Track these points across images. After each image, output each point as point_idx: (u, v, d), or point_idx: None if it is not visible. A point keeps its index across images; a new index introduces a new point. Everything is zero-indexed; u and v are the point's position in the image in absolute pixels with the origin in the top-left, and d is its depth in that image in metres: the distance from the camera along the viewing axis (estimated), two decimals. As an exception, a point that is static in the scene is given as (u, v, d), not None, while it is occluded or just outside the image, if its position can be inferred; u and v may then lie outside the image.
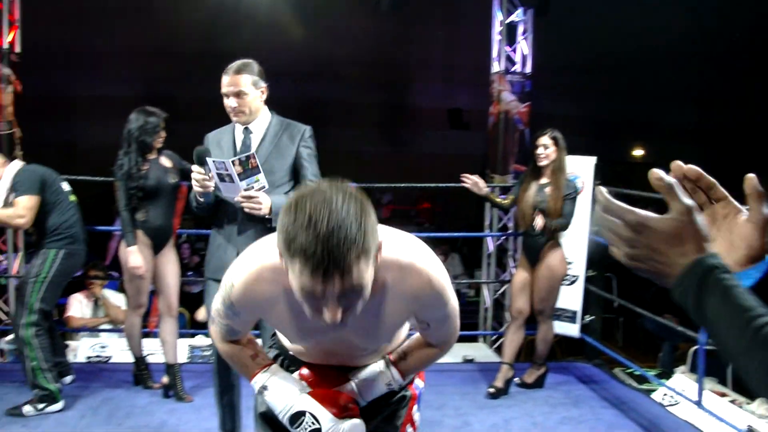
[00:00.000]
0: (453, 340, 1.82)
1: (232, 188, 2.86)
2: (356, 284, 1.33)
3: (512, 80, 5.95)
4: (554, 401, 4.28)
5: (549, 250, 4.29)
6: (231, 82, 3.00)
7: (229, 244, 3.05)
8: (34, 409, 3.78)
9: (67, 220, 3.97)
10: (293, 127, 3.14)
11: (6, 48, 5.45)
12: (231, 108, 3.04)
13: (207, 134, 3.24)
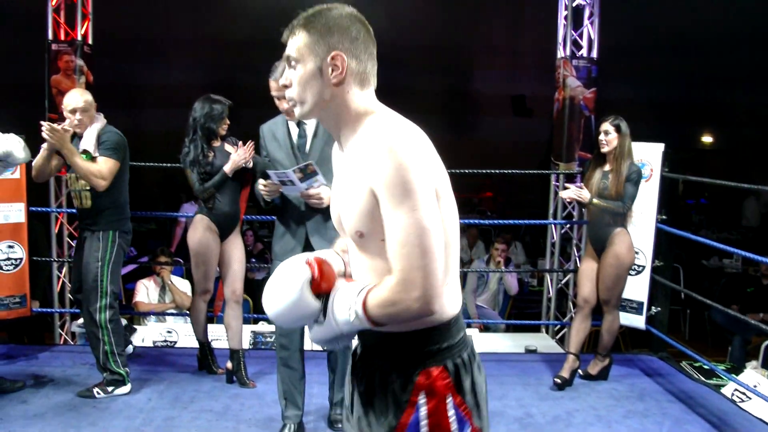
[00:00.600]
0: (411, 275, 1.47)
1: (292, 189, 3.21)
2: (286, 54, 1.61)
3: (578, 65, 5.82)
4: (618, 394, 4.18)
5: (616, 238, 4.19)
6: (280, 87, 3.09)
7: (294, 231, 3.35)
8: (104, 392, 3.89)
9: (126, 198, 4.03)
10: None
11: (79, 40, 5.61)
12: (284, 110, 3.29)
13: (261, 126, 3.41)
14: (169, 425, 3.54)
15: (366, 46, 1.63)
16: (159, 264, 5.88)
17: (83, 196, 3.91)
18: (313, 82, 1.59)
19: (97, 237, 3.91)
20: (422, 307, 1.49)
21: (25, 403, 3.76)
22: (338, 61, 1.57)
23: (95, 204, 3.90)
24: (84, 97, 3.86)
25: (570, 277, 6.11)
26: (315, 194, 3.19)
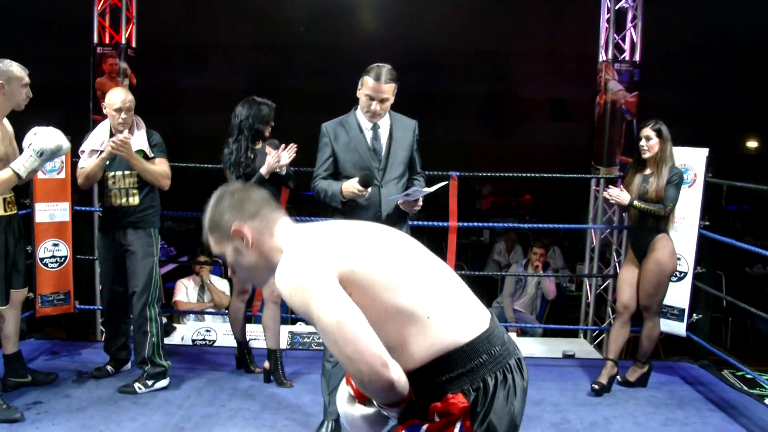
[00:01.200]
0: (350, 366, 1.60)
1: (396, 198, 3.35)
2: (216, 252, 1.86)
3: (620, 69, 5.75)
4: (657, 401, 4.12)
5: (658, 243, 4.13)
6: (380, 89, 3.28)
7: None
8: (144, 387, 3.97)
9: (159, 198, 4.19)
10: (405, 121, 3.50)
11: (123, 43, 5.72)
12: (373, 111, 3.31)
13: (324, 123, 3.45)
14: (207, 422, 3.59)
15: (248, 203, 1.82)
16: (198, 264, 5.96)
17: (130, 193, 4.01)
18: (238, 258, 1.82)
19: (146, 234, 4.05)
20: (377, 380, 1.59)
21: (68, 397, 3.84)
22: (239, 234, 1.79)
23: (143, 202, 4.03)
24: (128, 96, 3.98)
25: (609, 283, 6.04)
26: (418, 204, 3.37)
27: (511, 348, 1.79)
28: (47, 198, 4.56)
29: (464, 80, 13.48)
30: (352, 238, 1.73)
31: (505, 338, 1.79)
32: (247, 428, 3.54)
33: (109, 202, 4.05)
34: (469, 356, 1.69)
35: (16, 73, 3.51)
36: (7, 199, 3.61)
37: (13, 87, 3.50)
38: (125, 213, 4.03)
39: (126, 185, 4.00)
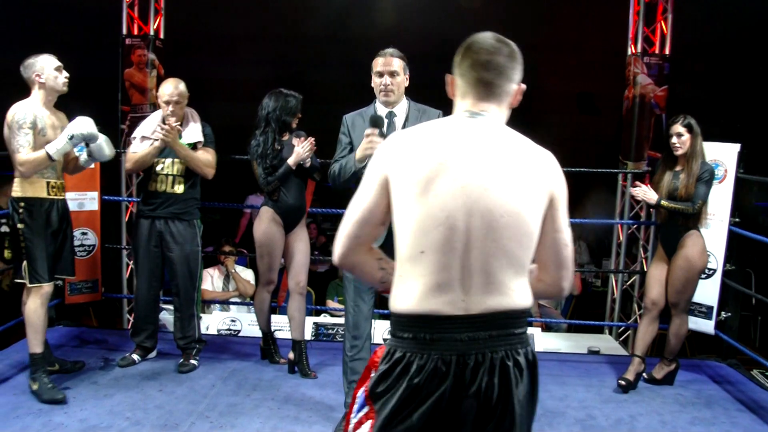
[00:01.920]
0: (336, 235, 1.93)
1: None
2: None
3: (649, 62, 5.67)
4: (684, 400, 4.08)
5: (688, 240, 4.08)
6: (387, 62, 3.27)
7: None
8: (197, 362, 4.22)
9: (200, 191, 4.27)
10: (429, 111, 3.39)
11: (152, 34, 5.75)
12: (384, 85, 3.28)
13: (345, 115, 3.43)
14: (232, 411, 3.61)
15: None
16: (224, 254, 6.00)
17: (177, 181, 4.11)
18: None
19: (190, 225, 4.17)
20: (335, 254, 1.85)
21: (95, 383, 3.88)
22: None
23: (187, 191, 4.14)
24: (178, 89, 4.05)
25: (636, 279, 5.99)
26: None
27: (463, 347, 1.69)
28: (76, 187, 4.62)
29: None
30: (413, 150, 1.74)
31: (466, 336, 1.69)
32: (271, 418, 3.56)
33: (152, 188, 4.11)
34: (407, 326, 1.72)
35: (45, 61, 3.65)
36: (51, 184, 3.72)
37: (48, 73, 3.64)
38: (168, 201, 4.10)
39: (174, 172, 4.10)
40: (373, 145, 3.11)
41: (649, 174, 4.63)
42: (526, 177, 1.73)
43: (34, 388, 3.63)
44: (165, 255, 4.20)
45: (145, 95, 5.70)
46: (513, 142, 1.80)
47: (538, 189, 1.74)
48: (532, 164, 1.76)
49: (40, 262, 3.66)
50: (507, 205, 1.69)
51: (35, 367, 3.66)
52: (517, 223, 1.70)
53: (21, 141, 3.55)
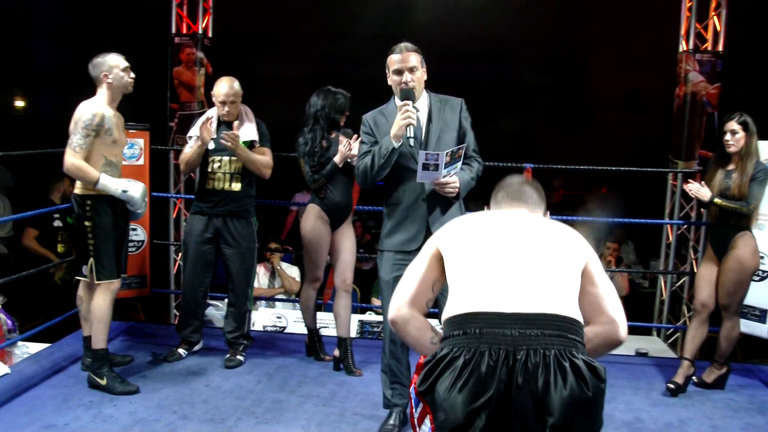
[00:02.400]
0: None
1: (429, 175, 3.09)
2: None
3: (701, 59, 5.55)
4: (736, 405, 3.98)
5: (739, 241, 3.98)
6: (404, 59, 3.20)
7: (414, 221, 3.26)
8: (243, 358, 4.26)
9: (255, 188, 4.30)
10: (451, 101, 3.33)
11: (200, 33, 5.83)
12: (404, 83, 3.19)
13: (364, 115, 3.41)
14: (277, 408, 3.63)
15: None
16: (269, 250, 6.05)
17: (234, 179, 4.14)
18: None
19: (247, 223, 4.23)
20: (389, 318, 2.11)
21: (144, 377, 3.95)
22: None
23: (244, 189, 4.17)
24: (233, 90, 4.07)
25: (685, 280, 5.87)
26: (451, 182, 3.14)
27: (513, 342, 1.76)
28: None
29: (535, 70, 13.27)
30: (460, 226, 2.07)
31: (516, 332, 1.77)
32: (316, 415, 3.57)
33: (210, 186, 4.16)
34: (456, 327, 1.84)
35: (113, 61, 3.68)
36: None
37: (116, 74, 3.68)
38: (226, 199, 4.15)
39: (231, 170, 4.13)
40: (410, 116, 3.09)
41: (700, 174, 4.53)
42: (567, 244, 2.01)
43: (102, 384, 3.67)
44: (221, 252, 4.24)
45: (193, 93, 5.78)
46: (552, 223, 2.08)
47: (573, 251, 1.99)
48: (570, 236, 2.04)
49: (110, 259, 3.70)
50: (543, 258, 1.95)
51: (100, 363, 3.71)
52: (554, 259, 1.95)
53: (79, 141, 3.57)
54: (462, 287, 1.91)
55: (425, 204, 3.23)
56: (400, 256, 3.27)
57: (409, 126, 3.09)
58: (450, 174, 3.11)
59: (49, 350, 4.32)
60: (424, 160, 3.03)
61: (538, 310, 1.80)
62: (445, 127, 3.25)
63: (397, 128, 3.12)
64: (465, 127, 3.30)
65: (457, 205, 3.30)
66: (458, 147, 3.12)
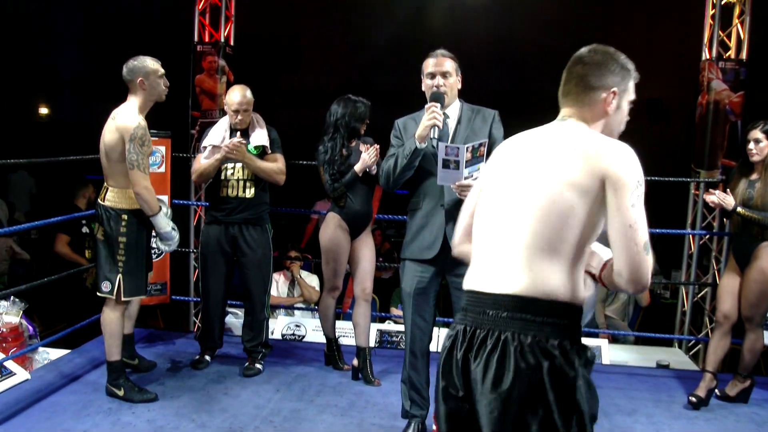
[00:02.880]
0: None
1: (450, 176, 3.01)
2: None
3: (724, 67, 5.50)
4: (761, 419, 3.92)
5: (763, 251, 3.92)
6: (439, 63, 3.19)
7: (434, 227, 3.21)
8: (261, 366, 4.26)
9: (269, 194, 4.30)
10: (483, 111, 3.29)
11: (222, 41, 5.86)
12: (436, 87, 3.17)
13: (397, 120, 3.38)
14: (296, 417, 3.63)
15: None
16: (289, 259, 6.06)
17: (247, 185, 4.15)
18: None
19: (263, 230, 4.25)
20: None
21: (162, 385, 3.96)
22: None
23: (257, 195, 4.18)
24: (245, 98, 4.09)
25: (707, 291, 5.80)
26: (472, 185, 2.97)
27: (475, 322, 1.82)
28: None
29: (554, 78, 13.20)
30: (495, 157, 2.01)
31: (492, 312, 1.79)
32: (334, 424, 3.56)
33: (224, 193, 4.17)
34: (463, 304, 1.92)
35: (151, 67, 3.65)
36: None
37: (152, 80, 3.64)
38: (240, 206, 4.16)
39: (244, 176, 4.15)
40: (435, 116, 3.05)
41: (722, 183, 4.48)
42: (570, 161, 1.77)
43: (120, 395, 3.67)
44: (238, 260, 4.26)
45: (214, 101, 5.81)
46: (571, 135, 1.84)
47: (584, 171, 1.74)
48: (583, 151, 1.77)
49: (138, 276, 3.67)
50: (540, 186, 1.78)
51: (116, 374, 3.71)
52: (549, 203, 1.75)
53: (143, 161, 3.52)
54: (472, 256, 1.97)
55: (443, 210, 3.19)
56: (420, 268, 3.25)
57: (434, 127, 3.05)
58: (472, 176, 3.03)
59: (70, 356, 4.35)
60: (444, 154, 2.97)
61: (509, 291, 1.77)
62: (473, 135, 3.19)
63: (421, 128, 3.09)
64: (494, 135, 3.23)
65: None
66: (479, 142, 3.03)
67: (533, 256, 1.75)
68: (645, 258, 1.71)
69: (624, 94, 1.95)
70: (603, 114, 1.92)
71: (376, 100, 4.31)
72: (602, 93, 1.91)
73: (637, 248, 1.70)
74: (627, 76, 1.95)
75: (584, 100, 1.92)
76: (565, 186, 1.74)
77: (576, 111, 1.93)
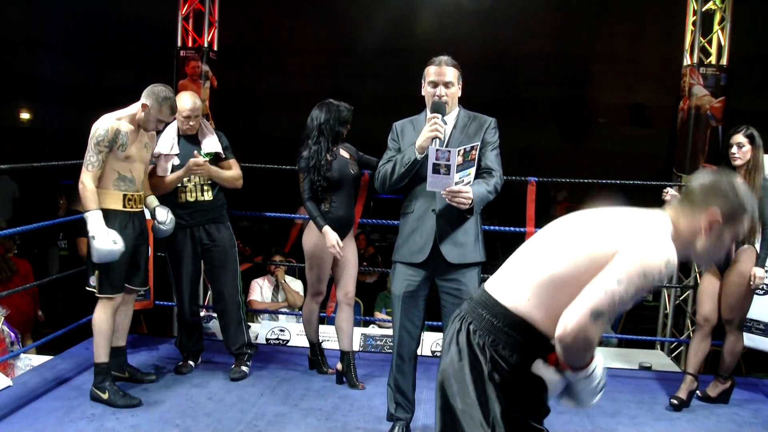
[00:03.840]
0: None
1: (441, 181, 2.97)
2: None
3: (705, 73, 5.56)
4: (741, 420, 3.96)
5: (742, 255, 3.97)
6: (441, 72, 3.18)
7: (422, 233, 3.21)
8: (247, 368, 4.25)
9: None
10: (480, 118, 3.29)
11: (206, 47, 5.86)
12: (438, 96, 3.16)
13: (395, 122, 3.37)
14: (280, 421, 3.63)
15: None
16: (273, 263, 6.05)
17: (205, 189, 4.18)
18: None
19: (226, 227, 4.28)
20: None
21: (146, 390, 3.94)
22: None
23: (216, 197, 4.22)
24: (197, 104, 4.14)
25: (689, 294, 5.85)
26: (464, 192, 3.01)
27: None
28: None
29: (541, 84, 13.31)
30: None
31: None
32: (319, 428, 3.57)
33: (182, 199, 4.16)
34: None
35: (158, 107, 3.69)
36: (128, 196, 3.76)
37: (151, 115, 3.69)
38: (202, 209, 4.18)
39: (201, 181, 4.17)
40: (437, 128, 3.05)
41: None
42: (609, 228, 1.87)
43: (104, 398, 3.67)
44: (206, 262, 4.29)
45: (197, 106, 5.80)
46: (638, 215, 1.92)
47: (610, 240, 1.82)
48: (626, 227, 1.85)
49: (112, 274, 3.69)
50: (564, 236, 1.93)
51: (102, 377, 3.71)
52: (564, 250, 1.88)
53: (91, 159, 3.60)
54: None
55: (435, 215, 3.18)
56: (411, 271, 3.26)
57: (435, 139, 3.05)
58: (463, 181, 3.02)
59: (52, 362, 4.32)
60: (435, 159, 2.93)
61: (503, 302, 1.93)
62: (467, 141, 3.17)
63: (422, 139, 3.09)
64: (486, 140, 3.22)
65: (473, 221, 3.21)
66: (471, 145, 3.01)
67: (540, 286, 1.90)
68: (590, 321, 1.73)
69: (728, 228, 1.91)
70: (698, 230, 1.91)
71: (361, 105, 4.31)
72: (701, 216, 1.90)
73: (592, 306, 1.73)
74: (740, 217, 1.90)
75: (686, 214, 1.92)
76: (593, 245, 1.84)
77: (674, 213, 1.95)
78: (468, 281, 3.20)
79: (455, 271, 3.20)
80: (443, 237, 3.18)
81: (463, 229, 3.18)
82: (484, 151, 3.22)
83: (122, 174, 3.71)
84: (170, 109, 3.73)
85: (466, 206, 3.04)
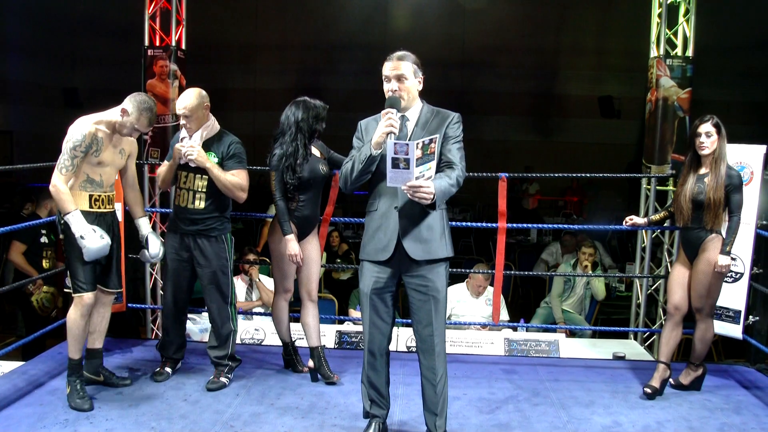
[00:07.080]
0: None
1: (401, 176, 2.91)
2: None
3: (672, 64, 5.63)
4: (712, 406, 4.02)
5: (710, 244, 4.03)
6: (393, 66, 3.14)
7: (386, 230, 3.18)
8: (227, 380, 4.14)
9: (230, 203, 4.20)
10: (443, 113, 3.25)
11: (174, 45, 5.80)
12: (391, 91, 3.13)
13: (360, 121, 3.34)
14: (256, 421, 3.61)
15: None
16: (247, 263, 6.02)
17: (197, 197, 4.02)
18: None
19: (217, 240, 4.10)
20: None
21: (121, 393, 3.90)
22: None
23: (207, 208, 4.04)
24: (188, 101, 3.97)
25: (660, 283, 5.92)
26: (425, 186, 2.93)
27: None
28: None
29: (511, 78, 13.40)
30: None
31: None
32: (295, 427, 3.55)
33: (177, 202, 4.10)
34: None
35: (137, 115, 3.68)
36: (94, 197, 3.72)
37: (128, 122, 3.68)
38: (191, 217, 4.04)
39: (194, 188, 4.02)
40: (392, 123, 3.01)
41: (672, 177, 4.58)
42: None
43: (67, 392, 3.71)
44: (195, 270, 4.17)
45: (167, 105, 5.75)
46: None
47: None
48: None
49: (81, 273, 3.67)
50: None
51: (71, 371, 3.74)
52: None
53: (66, 163, 3.57)
54: None
55: (397, 213, 3.16)
56: (377, 269, 3.25)
57: (390, 134, 3.03)
58: (423, 175, 2.97)
59: (23, 368, 4.26)
60: (394, 153, 2.86)
61: None
62: (428, 136, 3.10)
63: (377, 135, 3.06)
64: (448, 134, 3.18)
65: (438, 216, 3.18)
66: (430, 138, 2.96)
67: None
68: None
69: None
70: None
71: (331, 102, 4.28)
72: None
73: None
74: None
75: None
76: None
77: None
78: (435, 277, 3.19)
79: (421, 267, 3.19)
80: (406, 234, 3.15)
81: (426, 225, 3.15)
82: (446, 145, 3.19)
83: (91, 177, 3.69)
84: (148, 121, 3.71)
85: (429, 201, 2.98)
